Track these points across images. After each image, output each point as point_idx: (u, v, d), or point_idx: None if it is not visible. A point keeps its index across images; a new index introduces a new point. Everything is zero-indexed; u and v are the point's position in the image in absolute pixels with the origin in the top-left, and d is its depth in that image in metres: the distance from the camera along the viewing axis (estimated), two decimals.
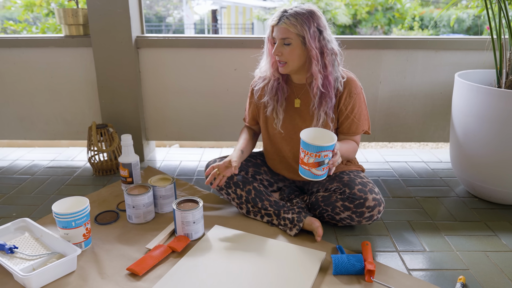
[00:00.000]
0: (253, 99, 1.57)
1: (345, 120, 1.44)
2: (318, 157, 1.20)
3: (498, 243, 1.41)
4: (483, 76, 1.85)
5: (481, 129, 1.58)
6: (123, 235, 1.44)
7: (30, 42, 2.06)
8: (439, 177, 1.97)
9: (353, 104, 1.42)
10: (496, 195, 1.65)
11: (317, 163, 1.22)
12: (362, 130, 1.47)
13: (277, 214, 1.47)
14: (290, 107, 1.49)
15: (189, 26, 15.01)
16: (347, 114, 1.43)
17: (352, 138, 1.48)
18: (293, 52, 1.34)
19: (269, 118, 1.53)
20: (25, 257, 1.25)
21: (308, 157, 1.22)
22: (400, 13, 10.28)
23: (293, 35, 1.32)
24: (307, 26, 1.31)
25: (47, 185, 1.89)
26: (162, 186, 1.56)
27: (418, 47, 2.02)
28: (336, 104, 1.43)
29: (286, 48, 1.34)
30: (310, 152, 1.21)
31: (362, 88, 1.46)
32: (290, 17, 1.31)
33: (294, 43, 1.33)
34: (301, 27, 1.30)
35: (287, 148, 1.53)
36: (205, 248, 1.33)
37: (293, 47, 1.33)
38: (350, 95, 1.41)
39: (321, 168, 1.23)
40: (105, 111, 2.11)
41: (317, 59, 1.33)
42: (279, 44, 1.34)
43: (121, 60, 2.02)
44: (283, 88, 1.47)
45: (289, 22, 1.31)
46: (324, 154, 1.20)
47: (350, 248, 1.37)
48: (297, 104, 1.48)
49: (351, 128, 1.45)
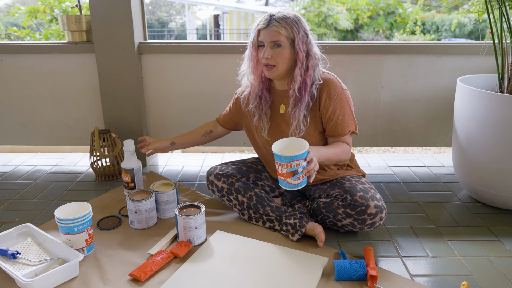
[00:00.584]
0: (236, 107, 1.61)
1: (329, 122, 1.43)
2: (290, 167, 1.21)
3: (501, 248, 1.41)
4: (485, 81, 1.85)
5: (484, 134, 1.58)
6: (125, 240, 1.44)
7: (34, 48, 2.08)
8: (442, 182, 1.97)
9: (334, 106, 1.41)
10: (499, 200, 1.65)
11: (291, 173, 1.22)
12: (349, 131, 1.44)
13: (279, 219, 1.46)
14: (276, 113, 1.50)
15: (191, 31, 15.08)
16: (330, 116, 1.42)
17: (340, 139, 1.45)
18: (282, 55, 1.35)
19: (257, 126, 1.54)
20: (27, 262, 1.26)
21: (281, 168, 1.22)
22: (402, 18, 10.30)
23: (283, 38, 1.33)
24: (296, 29, 1.33)
25: (50, 190, 1.89)
26: (164, 192, 1.56)
27: (419, 52, 2.02)
28: (316, 108, 1.42)
29: (275, 51, 1.35)
30: (281, 162, 1.21)
31: (345, 88, 1.44)
32: (280, 20, 1.33)
33: (284, 45, 1.34)
34: (291, 30, 1.33)
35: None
36: (207, 254, 1.33)
37: (283, 49, 1.35)
38: (330, 96, 1.40)
39: (296, 177, 1.23)
40: (107, 117, 2.12)
41: (302, 61, 1.35)
42: (268, 47, 1.35)
43: (123, 66, 2.03)
44: (266, 97, 1.48)
45: (279, 25, 1.32)
46: (295, 164, 1.20)
47: (353, 253, 1.37)
48: (282, 110, 1.48)
49: (336, 130, 1.43)
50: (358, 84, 2.07)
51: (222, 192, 1.55)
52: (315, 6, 9.60)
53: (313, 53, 1.38)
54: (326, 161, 1.39)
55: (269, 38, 1.34)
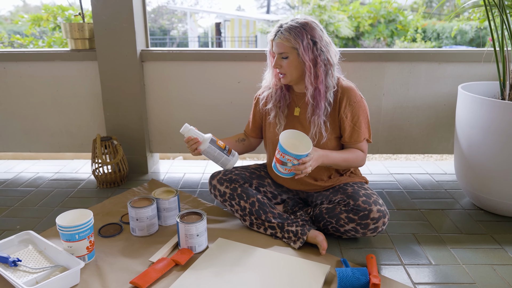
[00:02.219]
0: (257, 108, 1.62)
1: (346, 128, 1.46)
2: (282, 157, 1.31)
3: (505, 256, 1.40)
4: (486, 88, 1.85)
5: (486, 141, 1.58)
6: (127, 248, 1.43)
7: (36, 56, 2.09)
8: (444, 189, 1.96)
9: (353, 113, 1.45)
10: (502, 207, 1.64)
11: (280, 161, 1.32)
12: (364, 138, 1.49)
13: (280, 226, 1.46)
14: (290, 115, 1.53)
15: (193, 39, 15.18)
16: (348, 123, 1.46)
17: (356, 146, 1.50)
18: (290, 65, 1.40)
19: (272, 125, 1.55)
20: (28, 270, 1.25)
21: (277, 152, 1.33)
22: (403, 25, 10.35)
23: (288, 49, 1.38)
24: (300, 39, 1.36)
25: (51, 197, 1.89)
26: (166, 199, 1.55)
27: (421, 59, 2.03)
28: (336, 113, 1.46)
29: (284, 61, 1.41)
30: (278, 149, 1.32)
31: (362, 97, 1.48)
32: (284, 32, 1.37)
33: (290, 56, 1.39)
34: (294, 41, 1.36)
35: None
36: (208, 261, 1.33)
37: (290, 60, 1.40)
38: (350, 103, 1.44)
39: (283, 168, 1.33)
40: (109, 124, 2.13)
41: (309, 70, 1.38)
42: (277, 58, 1.42)
43: (126, 73, 2.04)
44: (285, 95, 1.53)
45: (283, 36, 1.37)
46: (287, 158, 1.29)
47: (355, 261, 1.36)
48: (297, 112, 1.52)
49: (352, 137, 1.47)
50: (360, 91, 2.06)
51: (224, 197, 1.54)
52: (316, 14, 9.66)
53: (323, 60, 1.39)
54: (333, 166, 1.46)
55: (277, 50, 1.41)
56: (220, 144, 1.47)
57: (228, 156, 1.47)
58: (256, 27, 12.61)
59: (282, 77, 1.45)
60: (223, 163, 1.48)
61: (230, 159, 1.47)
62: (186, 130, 1.44)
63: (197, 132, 1.45)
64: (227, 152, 1.47)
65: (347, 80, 1.50)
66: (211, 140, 1.45)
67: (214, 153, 1.45)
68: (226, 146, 1.48)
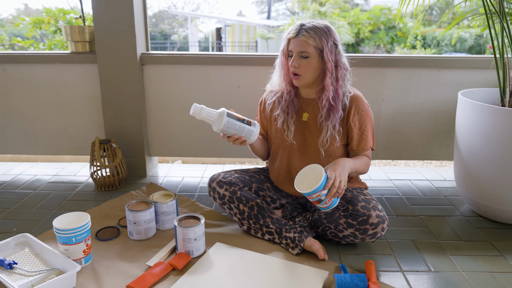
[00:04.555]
0: (264, 113, 1.59)
1: (354, 137, 1.46)
2: (313, 198, 1.27)
3: (504, 263, 1.39)
4: (486, 95, 1.85)
5: (486, 148, 1.57)
6: (124, 251, 1.42)
7: (37, 58, 2.09)
8: (444, 196, 1.95)
9: (361, 121, 1.44)
10: (502, 214, 1.63)
11: (317, 202, 1.28)
12: (370, 146, 1.49)
13: (278, 232, 1.45)
14: (298, 120, 1.51)
15: (193, 43, 15.23)
16: (356, 131, 1.45)
17: (362, 153, 1.50)
18: (309, 65, 1.37)
19: (279, 130, 1.53)
20: (24, 273, 1.24)
21: (309, 198, 1.29)
22: (403, 32, 10.40)
23: (311, 48, 1.35)
24: (325, 39, 1.35)
25: (49, 200, 1.88)
26: (164, 202, 1.55)
27: (421, 66, 2.03)
28: (344, 120, 1.45)
29: (303, 61, 1.37)
30: (305, 196, 1.28)
31: (368, 105, 1.48)
32: (309, 30, 1.35)
33: (311, 55, 1.36)
34: (320, 40, 1.34)
35: (298, 160, 1.53)
36: (206, 266, 1.32)
37: (310, 60, 1.37)
38: (358, 111, 1.43)
39: (323, 203, 1.28)
40: (108, 127, 2.12)
41: (331, 71, 1.37)
42: (296, 57, 1.37)
43: (125, 76, 2.04)
44: (293, 101, 1.50)
45: (308, 35, 1.34)
46: (316, 195, 1.25)
47: (354, 267, 1.35)
48: (305, 118, 1.50)
49: (360, 145, 1.47)
50: None
51: (223, 199, 1.53)
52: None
53: (342, 64, 1.40)
54: (353, 173, 1.43)
55: (298, 48, 1.36)
56: (237, 115, 1.33)
57: (250, 127, 1.33)
58: (257, 33, 12.66)
59: (296, 78, 1.41)
60: (247, 135, 1.33)
61: (252, 129, 1.34)
62: (198, 111, 1.29)
63: (210, 111, 1.30)
64: (247, 122, 1.34)
65: (353, 87, 1.50)
66: (227, 114, 1.31)
67: (235, 127, 1.31)
68: (244, 117, 1.35)
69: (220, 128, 1.30)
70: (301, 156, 1.52)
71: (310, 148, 1.50)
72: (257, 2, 25.54)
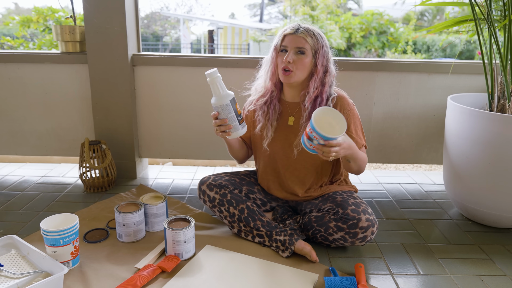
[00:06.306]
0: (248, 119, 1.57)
1: None
2: (310, 132, 1.21)
3: (492, 267, 1.40)
4: (475, 100, 1.87)
5: (474, 152, 1.59)
6: (112, 254, 1.41)
7: (26, 58, 2.06)
8: (433, 199, 1.97)
9: (348, 121, 1.43)
10: (490, 218, 1.65)
11: (308, 136, 1.23)
12: (362, 145, 1.46)
13: (269, 235, 1.45)
14: (284, 125, 1.50)
15: (185, 45, 15.20)
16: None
17: None
18: (303, 62, 1.37)
19: (259, 137, 1.53)
20: (10, 275, 1.22)
21: (306, 126, 1.27)
22: (394, 37, 10.49)
23: (308, 46, 1.37)
24: (321, 43, 1.38)
25: (37, 201, 1.86)
26: (154, 204, 1.53)
27: (411, 70, 2.05)
28: None
29: (298, 57, 1.37)
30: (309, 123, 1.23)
31: (354, 104, 1.48)
32: (308, 30, 1.38)
33: (307, 53, 1.37)
34: (317, 41, 1.37)
35: (284, 165, 1.52)
36: (195, 268, 1.31)
37: (305, 57, 1.37)
38: (344, 111, 1.43)
39: (309, 143, 1.23)
40: (98, 128, 2.10)
41: (319, 75, 1.39)
42: (292, 52, 1.37)
43: (116, 77, 2.02)
44: (275, 106, 1.48)
45: (307, 33, 1.37)
46: (314, 135, 1.20)
47: (343, 270, 1.35)
48: (291, 122, 1.49)
49: None
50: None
51: (213, 202, 1.53)
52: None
53: (331, 70, 1.42)
54: (351, 160, 1.35)
55: (295, 44, 1.37)
56: (238, 108, 1.34)
57: (239, 125, 1.34)
58: (249, 35, 12.68)
59: (287, 75, 1.38)
60: (233, 129, 1.34)
61: (239, 128, 1.34)
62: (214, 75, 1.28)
63: (222, 84, 1.30)
64: (240, 120, 1.34)
65: (337, 88, 1.50)
66: (232, 99, 1.31)
67: (229, 115, 1.31)
68: (241, 113, 1.36)
69: (218, 104, 1.30)
70: (287, 161, 1.51)
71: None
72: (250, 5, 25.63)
